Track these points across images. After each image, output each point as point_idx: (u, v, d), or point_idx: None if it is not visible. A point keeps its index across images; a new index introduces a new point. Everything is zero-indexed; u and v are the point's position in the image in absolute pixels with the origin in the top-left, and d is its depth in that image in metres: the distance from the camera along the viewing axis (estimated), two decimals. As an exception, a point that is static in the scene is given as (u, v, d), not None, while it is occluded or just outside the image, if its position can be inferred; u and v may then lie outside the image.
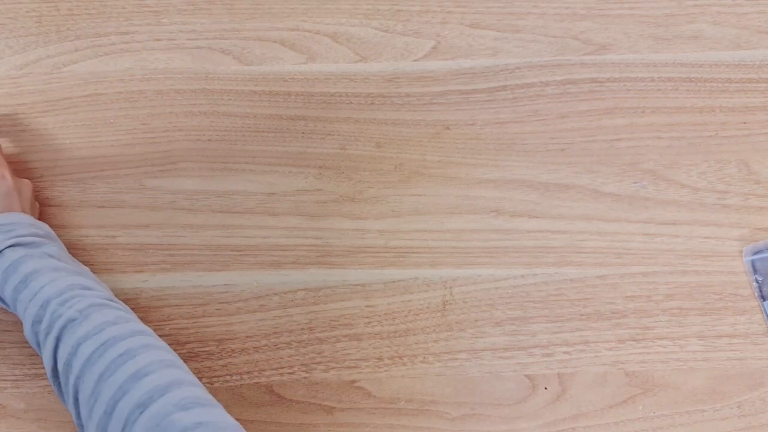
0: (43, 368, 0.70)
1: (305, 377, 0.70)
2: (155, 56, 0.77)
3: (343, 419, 0.70)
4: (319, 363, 0.71)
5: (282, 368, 0.71)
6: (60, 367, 0.57)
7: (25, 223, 0.66)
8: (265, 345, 0.71)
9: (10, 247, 0.63)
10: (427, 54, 0.77)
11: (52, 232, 0.68)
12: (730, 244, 0.73)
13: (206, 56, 0.77)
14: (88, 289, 0.61)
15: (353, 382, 0.71)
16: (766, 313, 0.71)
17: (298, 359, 0.71)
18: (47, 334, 0.58)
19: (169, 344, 0.70)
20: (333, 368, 0.71)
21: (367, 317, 0.72)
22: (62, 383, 0.57)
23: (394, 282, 0.72)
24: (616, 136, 0.76)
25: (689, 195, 0.74)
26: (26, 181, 0.72)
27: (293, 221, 0.74)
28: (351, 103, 0.76)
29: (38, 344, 0.60)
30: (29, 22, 0.78)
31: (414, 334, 0.71)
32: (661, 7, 0.79)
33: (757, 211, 0.74)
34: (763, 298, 0.71)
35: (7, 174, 0.68)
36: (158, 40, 0.78)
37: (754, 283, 0.72)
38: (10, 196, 0.68)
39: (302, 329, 0.71)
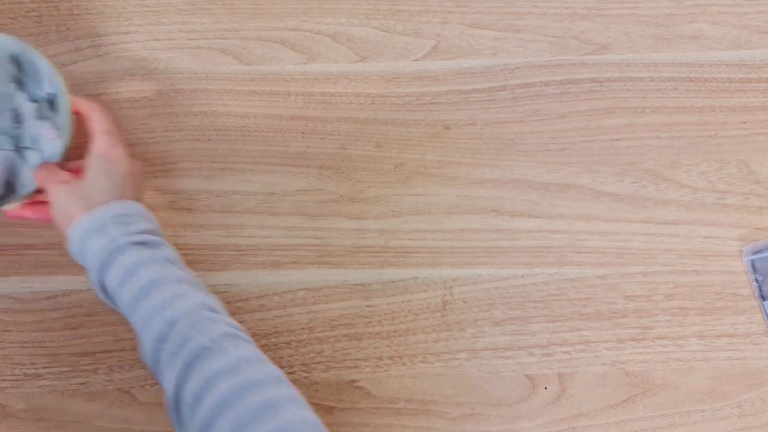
0: (42, 368, 0.70)
1: (305, 377, 0.70)
2: (155, 56, 0.77)
3: (343, 419, 0.70)
4: (319, 363, 0.71)
5: (282, 368, 0.70)
6: (187, 397, 0.54)
7: (142, 215, 0.63)
8: (265, 345, 0.71)
9: (131, 244, 0.60)
10: (427, 54, 0.77)
11: (159, 226, 0.66)
12: (730, 243, 0.73)
13: (206, 56, 0.77)
14: (215, 311, 0.58)
15: (353, 381, 0.71)
16: (766, 312, 0.71)
17: (298, 359, 0.71)
18: (173, 356, 0.55)
19: (169, 344, 0.71)
20: (333, 368, 0.71)
21: (367, 317, 0.72)
22: (185, 412, 0.54)
23: (394, 282, 0.72)
24: (616, 135, 0.76)
25: (689, 195, 0.74)
26: (139, 162, 0.69)
27: (293, 221, 0.74)
28: (351, 103, 0.76)
29: (157, 361, 0.57)
30: (29, 22, 0.78)
31: (414, 334, 0.71)
32: (661, 6, 0.79)
33: (757, 210, 0.74)
34: (763, 297, 0.71)
35: (124, 154, 0.65)
36: (158, 40, 0.78)
37: (754, 283, 0.72)
38: (127, 181, 0.64)
39: (302, 329, 0.71)
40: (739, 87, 0.77)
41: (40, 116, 0.67)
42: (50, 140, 0.67)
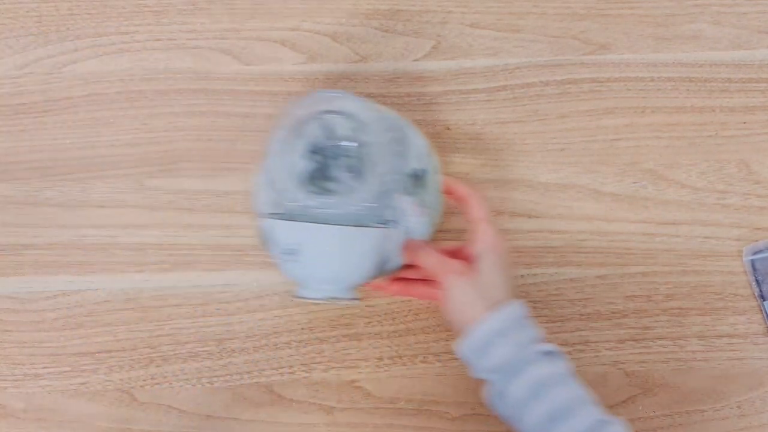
0: (42, 368, 0.70)
1: (305, 377, 0.70)
2: (155, 56, 0.77)
3: (343, 419, 0.70)
4: (319, 363, 0.71)
5: (282, 368, 0.71)
6: None
7: (531, 317, 0.61)
8: (265, 345, 0.71)
9: (539, 354, 0.58)
10: (427, 54, 0.77)
11: None
12: (730, 243, 0.73)
13: (206, 56, 0.77)
14: None
15: (353, 381, 0.70)
16: (766, 313, 0.71)
17: (298, 359, 0.71)
18: None
19: (170, 344, 0.71)
20: (333, 368, 0.71)
21: (367, 317, 0.72)
22: None
23: (394, 282, 0.72)
24: (616, 135, 0.76)
25: (689, 195, 0.74)
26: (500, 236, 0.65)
27: (293, 221, 0.73)
28: (351, 103, 0.76)
29: None
30: (29, 21, 0.78)
31: (414, 334, 0.71)
32: (661, 6, 0.79)
33: (757, 211, 0.74)
34: (762, 297, 0.71)
35: (506, 246, 0.64)
36: (158, 40, 0.78)
37: (754, 283, 0.72)
38: (512, 276, 0.63)
39: (302, 329, 0.71)
40: (739, 87, 0.77)
41: (407, 191, 0.64)
42: (415, 216, 0.64)
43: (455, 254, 0.64)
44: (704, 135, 0.76)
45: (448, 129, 0.74)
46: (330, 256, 0.61)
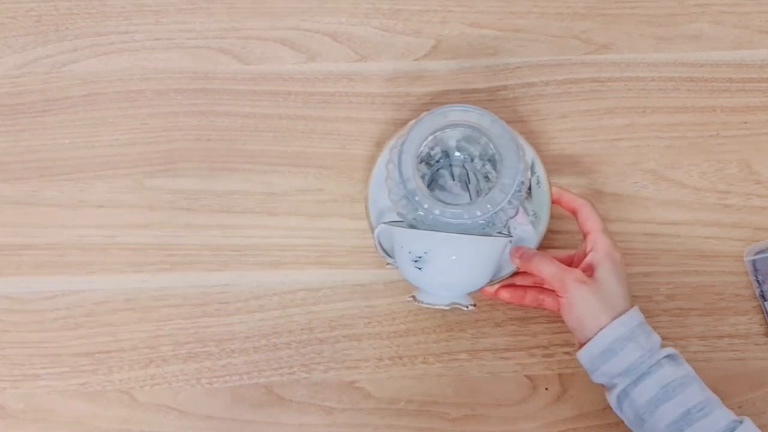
0: (42, 368, 0.70)
1: (305, 377, 0.70)
2: (154, 56, 0.77)
3: (343, 420, 0.70)
4: (319, 363, 0.70)
5: (282, 368, 0.70)
6: None
7: (647, 322, 0.63)
8: (265, 345, 0.71)
9: (665, 358, 0.61)
10: (427, 53, 0.77)
11: None
12: (731, 244, 0.73)
13: (206, 56, 0.77)
14: None
15: (353, 382, 0.70)
16: (767, 313, 0.71)
17: (297, 359, 0.70)
18: None
19: (169, 344, 0.71)
20: (333, 368, 0.71)
21: (367, 317, 0.71)
22: None
23: (393, 282, 0.72)
24: (617, 135, 0.76)
25: (690, 195, 0.74)
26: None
27: (293, 221, 0.73)
28: (351, 102, 0.76)
29: None
30: (28, 21, 0.78)
31: (414, 335, 0.71)
32: (662, 6, 0.79)
33: (759, 211, 0.74)
34: (764, 298, 0.71)
35: (621, 255, 0.65)
36: (157, 39, 0.77)
37: (755, 284, 0.72)
38: (629, 284, 0.64)
39: (302, 329, 0.71)
40: (740, 87, 0.77)
41: (518, 201, 0.65)
42: (522, 225, 0.68)
43: (568, 262, 0.66)
44: (705, 135, 0.76)
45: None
46: (453, 264, 0.64)
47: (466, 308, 0.66)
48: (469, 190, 0.69)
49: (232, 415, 0.69)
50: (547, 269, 0.63)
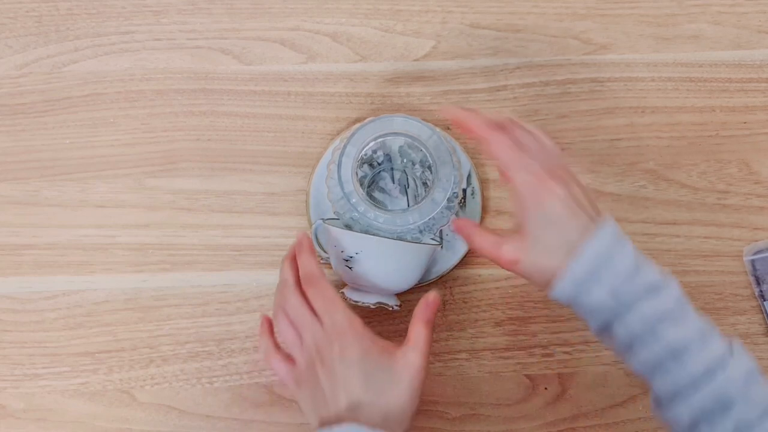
0: (42, 368, 0.70)
1: (305, 377, 0.70)
2: (155, 56, 0.77)
3: (343, 419, 0.70)
4: (319, 363, 0.70)
5: (282, 368, 0.70)
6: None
7: (619, 233, 0.55)
8: (265, 345, 0.71)
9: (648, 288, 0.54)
10: (427, 54, 0.77)
11: None
12: (730, 243, 0.73)
13: (206, 56, 0.77)
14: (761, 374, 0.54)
15: (353, 382, 0.70)
16: (766, 313, 0.71)
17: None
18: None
19: (169, 344, 0.71)
20: (333, 368, 0.70)
21: (366, 317, 0.71)
22: None
23: (394, 282, 0.72)
24: (616, 135, 0.76)
25: (689, 195, 0.74)
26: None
27: (293, 221, 0.73)
28: (351, 102, 0.76)
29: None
30: (29, 21, 0.78)
31: (414, 334, 0.71)
32: (662, 6, 0.79)
33: (758, 210, 0.74)
34: (763, 297, 0.71)
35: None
36: (158, 39, 0.77)
37: (754, 283, 0.72)
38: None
39: (302, 329, 0.71)
40: (739, 87, 0.77)
41: (451, 209, 0.68)
42: (455, 233, 0.68)
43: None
44: (704, 135, 0.76)
45: (449, 129, 0.74)
46: (382, 267, 0.66)
47: (391, 308, 0.68)
48: (407, 194, 0.72)
49: (232, 415, 0.70)
50: (480, 246, 0.59)
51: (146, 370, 0.70)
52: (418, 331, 0.59)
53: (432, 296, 0.60)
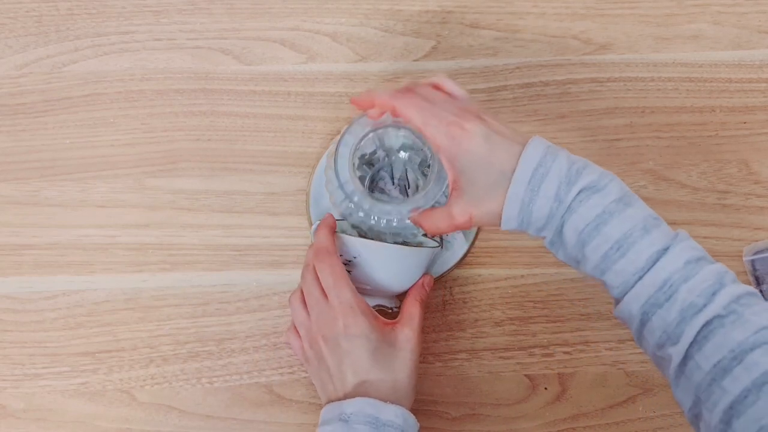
0: (42, 368, 0.70)
1: (305, 377, 0.70)
2: (155, 56, 0.77)
3: (343, 419, 0.70)
4: (319, 363, 0.70)
5: (282, 368, 0.71)
6: (702, 361, 0.50)
7: (547, 148, 0.55)
8: (265, 345, 0.71)
9: (581, 194, 0.53)
10: (427, 54, 0.77)
11: None
12: (730, 244, 0.73)
13: (206, 56, 0.77)
14: (710, 261, 0.53)
15: (353, 382, 0.70)
16: (766, 313, 0.71)
17: (297, 359, 0.70)
18: (678, 325, 0.51)
19: (170, 344, 0.71)
20: (333, 368, 0.71)
21: (367, 317, 0.71)
22: (701, 384, 0.50)
23: (394, 282, 0.72)
24: (616, 135, 0.76)
25: (689, 195, 0.74)
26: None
27: (293, 221, 0.73)
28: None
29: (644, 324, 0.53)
30: (29, 21, 0.78)
31: (414, 334, 0.71)
32: (661, 6, 0.79)
33: (758, 211, 0.74)
34: (763, 297, 0.71)
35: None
36: (158, 39, 0.78)
37: (754, 283, 0.72)
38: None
39: (302, 329, 0.71)
40: (739, 87, 0.77)
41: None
42: (454, 233, 0.70)
43: None
44: (704, 135, 0.76)
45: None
46: (380, 271, 0.65)
47: (390, 310, 0.68)
48: (407, 195, 0.71)
49: (232, 415, 0.70)
50: (434, 225, 0.59)
51: (146, 370, 0.70)
52: (411, 309, 0.63)
53: (427, 278, 0.67)
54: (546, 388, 0.70)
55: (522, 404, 0.70)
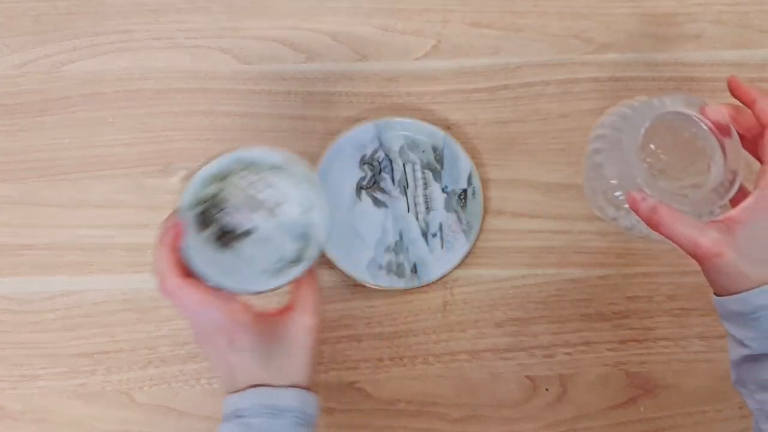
0: (41, 369, 0.70)
1: (305, 378, 0.70)
2: (154, 55, 0.77)
3: (343, 420, 0.70)
4: (319, 364, 0.70)
5: (282, 369, 0.70)
6: None
7: None
8: (265, 346, 0.71)
9: None
10: (427, 53, 0.77)
11: None
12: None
13: (205, 55, 0.77)
14: None
15: (353, 383, 0.70)
16: None
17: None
18: None
19: (169, 345, 0.71)
20: (333, 369, 0.70)
21: (367, 318, 0.71)
22: None
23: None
24: (617, 135, 0.75)
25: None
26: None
27: (293, 221, 0.73)
28: (351, 102, 0.76)
29: None
30: (27, 21, 0.77)
31: (414, 335, 0.71)
32: (663, 6, 0.78)
33: (759, 211, 0.74)
34: (765, 298, 0.71)
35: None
36: (157, 39, 0.77)
37: (756, 284, 0.71)
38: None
39: (302, 330, 0.71)
40: (740, 86, 0.77)
41: (448, 208, 0.72)
42: (455, 232, 0.71)
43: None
44: (706, 135, 0.75)
45: (449, 128, 0.74)
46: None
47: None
48: (407, 195, 0.72)
49: (231, 416, 0.69)
50: (674, 229, 0.51)
51: (145, 371, 0.70)
52: (300, 294, 0.57)
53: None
54: (547, 389, 0.70)
55: (523, 405, 0.70)
